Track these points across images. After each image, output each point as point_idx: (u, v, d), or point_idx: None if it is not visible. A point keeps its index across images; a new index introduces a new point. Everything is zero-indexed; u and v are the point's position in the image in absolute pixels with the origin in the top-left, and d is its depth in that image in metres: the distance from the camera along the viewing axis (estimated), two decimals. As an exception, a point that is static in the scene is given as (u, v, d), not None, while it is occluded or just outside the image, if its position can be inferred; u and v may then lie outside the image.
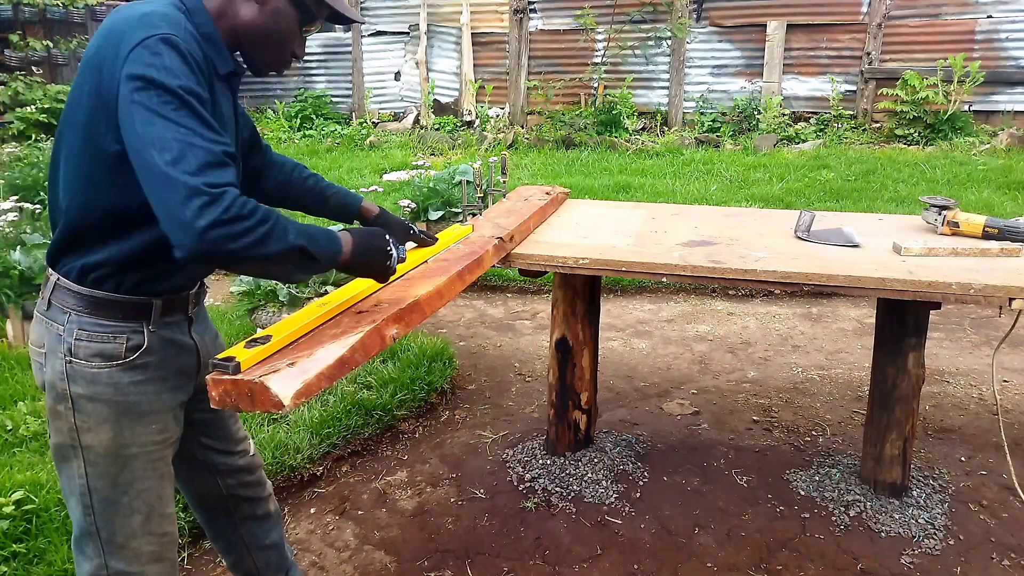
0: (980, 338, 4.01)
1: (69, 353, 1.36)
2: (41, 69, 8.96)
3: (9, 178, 5.41)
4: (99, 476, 1.41)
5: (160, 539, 1.49)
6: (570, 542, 2.38)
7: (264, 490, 1.84)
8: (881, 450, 2.51)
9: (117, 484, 1.42)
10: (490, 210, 2.60)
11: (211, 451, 1.70)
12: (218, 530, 1.85)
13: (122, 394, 1.39)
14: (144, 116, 1.18)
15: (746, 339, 4.04)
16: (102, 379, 1.37)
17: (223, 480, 1.75)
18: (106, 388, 1.38)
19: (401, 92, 11.28)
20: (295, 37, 1.45)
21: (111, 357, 1.38)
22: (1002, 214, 5.39)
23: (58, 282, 1.37)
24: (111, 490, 1.42)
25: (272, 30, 1.41)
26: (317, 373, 1.23)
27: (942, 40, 9.07)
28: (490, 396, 3.41)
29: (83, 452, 1.40)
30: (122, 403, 1.39)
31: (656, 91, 10.28)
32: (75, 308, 1.36)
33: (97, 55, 1.29)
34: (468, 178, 5.10)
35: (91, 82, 1.28)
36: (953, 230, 2.37)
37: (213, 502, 1.78)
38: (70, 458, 1.42)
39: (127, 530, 1.44)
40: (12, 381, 3.18)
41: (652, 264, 2.15)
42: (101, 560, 1.45)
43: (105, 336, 1.37)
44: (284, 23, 1.42)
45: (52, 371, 1.38)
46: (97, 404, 1.38)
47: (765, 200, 6.30)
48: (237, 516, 1.81)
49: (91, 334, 1.37)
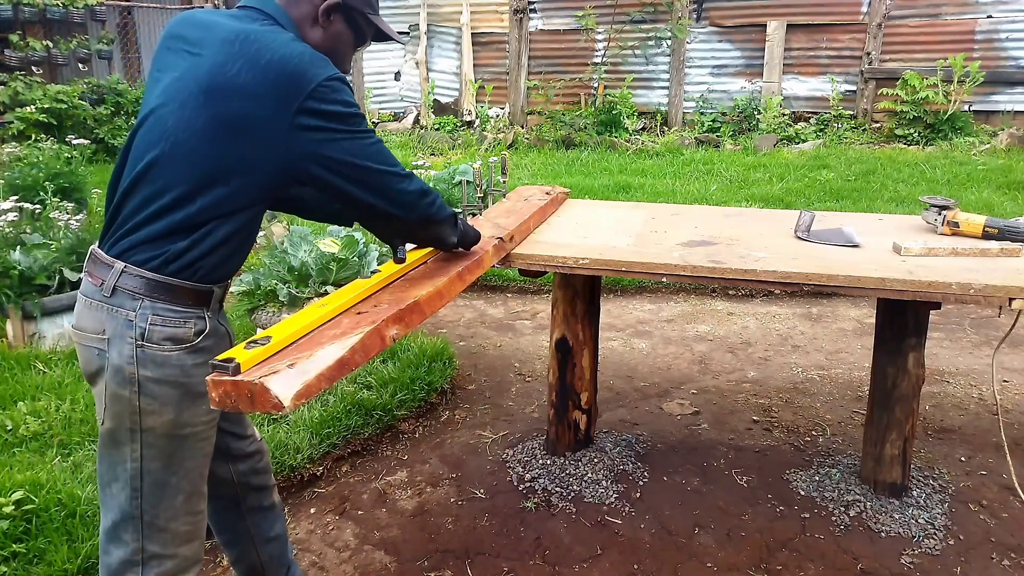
0: (980, 338, 4.01)
1: (141, 338, 1.44)
2: (41, 69, 8.94)
3: (9, 178, 5.40)
4: (154, 457, 1.50)
5: (195, 517, 1.59)
6: (570, 542, 2.38)
7: (271, 479, 1.92)
8: (881, 450, 2.51)
9: (170, 465, 1.51)
10: (490, 210, 2.60)
11: (227, 435, 1.78)
12: (225, 521, 1.90)
13: (187, 376, 1.48)
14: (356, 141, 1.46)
15: (746, 339, 4.04)
16: (171, 361, 1.46)
17: (235, 466, 1.82)
18: (174, 370, 1.47)
19: (401, 92, 11.28)
20: (349, 56, 1.67)
21: (181, 340, 1.47)
22: (1002, 214, 5.39)
23: (126, 270, 1.44)
24: (163, 471, 1.51)
25: (332, 50, 1.57)
26: (317, 374, 1.23)
27: (942, 40, 9.07)
28: (490, 396, 3.41)
29: (142, 435, 1.48)
30: (186, 384, 1.48)
31: (656, 91, 10.28)
32: (149, 294, 1.44)
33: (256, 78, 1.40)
34: (468, 178, 5.09)
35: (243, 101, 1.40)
36: (953, 230, 2.37)
37: (224, 491, 1.83)
38: (123, 443, 1.49)
39: (170, 512, 1.53)
40: (12, 381, 3.18)
41: (652, 264, 2.15)
42: (139, 544, 1.52)
43: (177, 321, 1.46)
44: (342, 45, 1.63)
45: (119, 356, 1.45)
46: (164, 386, 1.46)
47: (765, 200, 6.30)
48: (244, 506, 1.87)
49: (165, 319, 1.45)
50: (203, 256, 1.46)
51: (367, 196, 1.51)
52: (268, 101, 1.40)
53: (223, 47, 1.43)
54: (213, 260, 1.48)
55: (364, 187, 1.50)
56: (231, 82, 1.40)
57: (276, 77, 1.40)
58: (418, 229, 1.68)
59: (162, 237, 1.44)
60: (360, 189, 1.50)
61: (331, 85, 1.42)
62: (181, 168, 1.42)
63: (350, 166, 1.47)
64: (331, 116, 1.42)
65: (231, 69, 1.40)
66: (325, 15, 1.57)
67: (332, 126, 1.43)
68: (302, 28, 1.56)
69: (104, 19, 9.86)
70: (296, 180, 1.49)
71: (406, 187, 1.55)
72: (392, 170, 1.52)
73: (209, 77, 1.42)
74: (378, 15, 1.68)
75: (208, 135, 1.41)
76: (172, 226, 1.44)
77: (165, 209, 1.43)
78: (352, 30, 1.63)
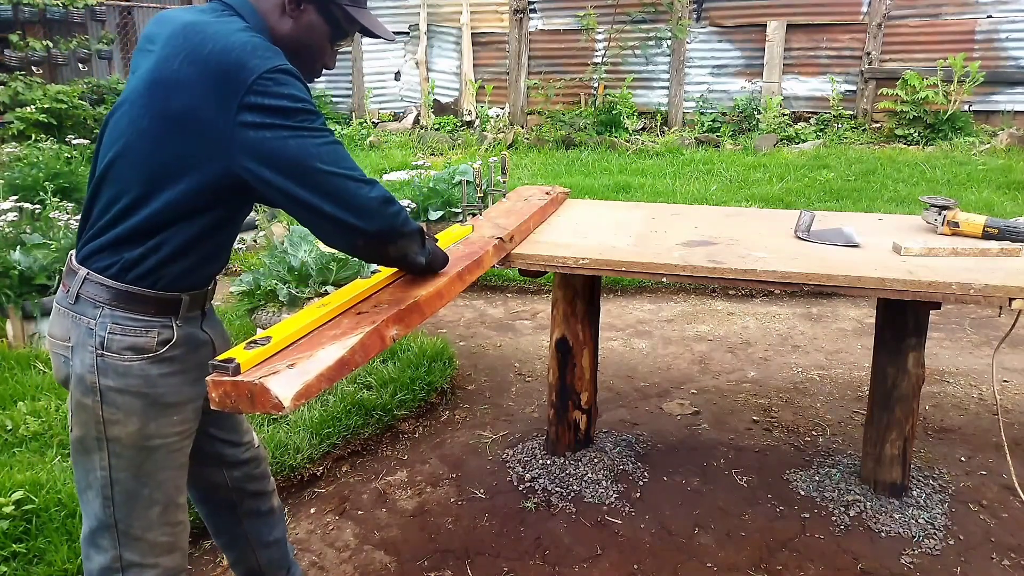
0: (980, 338, 4.01)
1: (101, 346, 1.39)
2: (41, 69, 8.94)
3: (9, 178, 5.41)
4: (123, 468, 1.45)
5: (174, 528, 1.54)
6: (570, 542, 2.38)
7: (269, 484, 1.87)
8: (881, 450, 2.51)
9: (139, 476, 1.46)
10: (490, 210, 2.60)
11: (220, 442, 1.73)
12: (222, 526, 1.86)
13: (151, 386, 1.43)
14: (296, 138, 1.31)
15: (746, 339, 4.04)
16: (133, 371, 1.41)
17: (230, 473, 1.77)
18: (136, 380, 1.42)
19: (401, 92, 11.28)
20: (326, 51, 1.54)
21: (143, 350, 1.42)
22: (1002, 214, 5.39)
23: (88, 276, 1.40)
24: (133, 482, 1.46)
25: (304, 43, 1.48)
26: (317, 374, 1.23)
27: (942, 40, 9.07)
28: (490, 396, 3.41)
29: (108, 444, 1.43)
30: (151, 395, 1.43)
31: (656, 91, 10.28)
32: (108, 302, 1.39)
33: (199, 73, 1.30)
34: (468, 178, 5.10)
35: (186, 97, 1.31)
36: (953, 230, 2.37)
37: (219, 496, 1.80)
38: (92, 451, 1.45)
39: (145, 522, 1.48)
40: (12, 381, 3.18)
41: (652, 264, 2.14)
42: (116, 552, 1.48)
43: (138, 330, 1.41)
44: (316, 37, 1.50)
45: (81, 364, 1.41)
46: (127, 396, 1.41)
47: (765, 200, 6.30)
48: (241, 511, 1.82)
49: (124, 328, 1.40)
50: (163, 264, 1.40)
51: (318, 201, 1.33)
52: (210, 96, 1.30)
53: (169, 41, 1.35)
54: (176, 269, 1.42)
55: (314, 191, 1.33)
56: (172, 77, 1.32)
57: (215, 69, 1.29)
58: (380, 242, 1.45)
59: (119, 243, 1.38)
60: (309, 193, 1.33)
61: (274, 77, 1.30)
62: (132, 170, 1.37)
63: (297, 167, 1.31)
64: (275, 111, 1.29)
65: (173, 63, 1.32)
66: (294, 4, 1.46)
67: (276, 122, 1.29)
68: (270, 19, 1.46)
69: (104, 19, 9.86)
70: (244, 182, 1.35)
71: (365, 192, 1.36)
72: (347, 172, 1.35)
73: (151, 73, 1.35)
74: (362, 8, 1.55)
75: (152, 134, 1.35)
76: (128, 232, 1.38)
77: (122, 213, 1.37)
78: (328, 23, 1.50)
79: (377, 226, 1.40)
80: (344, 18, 1.51)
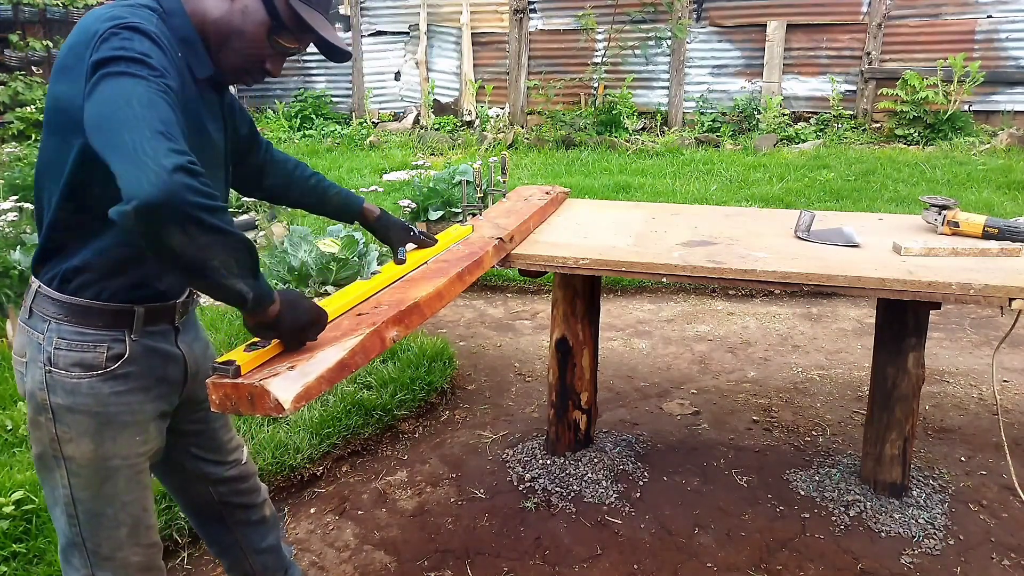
0: (980, 338, 4.01)
1: (49, 363, 1.33)
2: (41, 69, 8.96)
3: (9, 178, 5.41)
4: (83, 487, 1.38)
5: (147, 549, 1.47)
6: (570, 542, 2.38)
7: (258, 496, 1.81)
8: (881, 450, 2.51)
9: (101, 496, 1.39)
10: (490, 210, 2.60)
11: (202, 461, 1.67)
12: (212, 535, 1.83)
13: (103, 405, 1.35)
14: (110, 81, 1.11)
15: (746, 339, 4.04)
16: (82, 389, 1.34)
17: (215, 488, 1.72)
18: (86, 399, 1.34)
19: (401, 92, 11.28)
20: (263, 44, 1.36)
21: (91, 367, 1.34)
22: (1002, 214, 5.39)
23: (39, 289, 1.35)
24: (95, 502, 1.39)
25: (237, 30, 1.33)
26: (317, 376, 1.23)
27: (942, 40, 9.07)
28: (490, 396, 3.41)
29: (65, 463, 1.37)
30: (103, 414, 1.36)
31: (656, 91, 10.28)
32: (55, 316, 1.33)
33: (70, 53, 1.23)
34: (468, 178, 5.10)
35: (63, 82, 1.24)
36: (953, 230, 2.37)
37: (206, 509, 1.75)
38: (52, 468, 1.39)
39: (113, 542, 1.42)
40: (12, 381, 3.18)
41: (652, 264, 2.15)
42: (89, 571, 1.43)
43: (85, 345, 1.34)
44: (251, 25, 1.33)
45: (32, 381, 1.36)
46: (77, 415, 1.35)
47: (765, 200, 6.30)
48: (231, 522, 1.78)
49: (71, 343, 1.33)
50: (106, 273, 1.31)
51: (106, 154, 1.07)
52: (73, 75, 1.19)
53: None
54: (123, 280, 1.33)
55: (104, 145, 1.07)
56: (56, 64, 1.25)
57: (74, 44, 1.21)
58: (155, 218, 1.02)
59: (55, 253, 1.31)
60: (100, 145, 1.08)
61: (107, 32, 1.15)
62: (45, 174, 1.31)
63: (98, 115, 1.09)
64: (98, 64, 1.13)
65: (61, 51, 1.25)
66: None
67: (97, 74, 1.12)
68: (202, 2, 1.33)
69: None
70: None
71: (147, 140, 1.04)
72: (136, 111, 1.06)
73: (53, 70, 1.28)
74: (314, 9, 1.37)
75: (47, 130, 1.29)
76: (59, 240, 1.31)
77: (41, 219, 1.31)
78: (267, 12, 1.34)
79: (148, 191, 1.01)
80: (285, 10, 1.34)
